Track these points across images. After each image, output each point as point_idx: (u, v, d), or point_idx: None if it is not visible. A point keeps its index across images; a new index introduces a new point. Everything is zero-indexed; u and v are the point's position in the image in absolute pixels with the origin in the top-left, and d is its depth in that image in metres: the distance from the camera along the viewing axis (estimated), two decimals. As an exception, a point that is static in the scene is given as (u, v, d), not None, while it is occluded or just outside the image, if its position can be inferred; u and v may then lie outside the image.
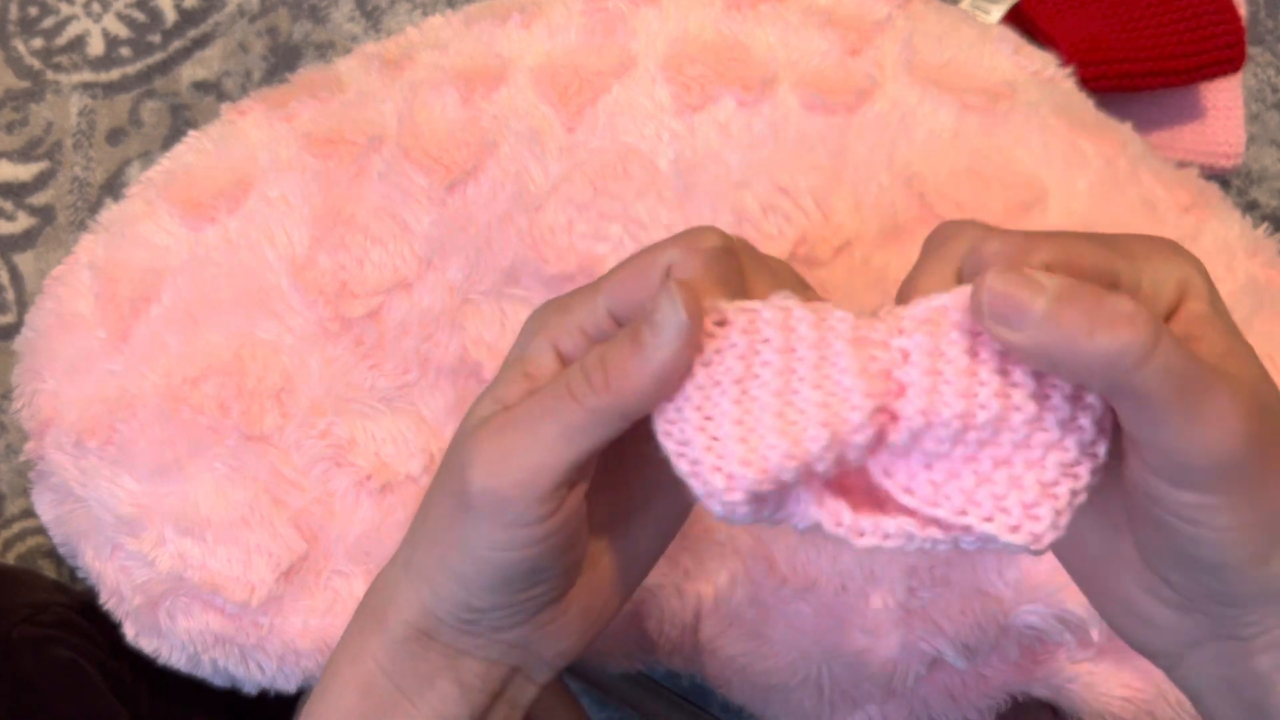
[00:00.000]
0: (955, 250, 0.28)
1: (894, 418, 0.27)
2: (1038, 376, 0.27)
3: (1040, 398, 0.27)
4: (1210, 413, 0.24)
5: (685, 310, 0.27)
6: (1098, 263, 0.26)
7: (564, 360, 0.30)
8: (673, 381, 0.28)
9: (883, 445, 0.27)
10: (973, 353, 0.27)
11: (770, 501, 0.28)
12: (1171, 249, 0.27)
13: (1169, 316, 0.27)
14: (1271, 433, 0.25)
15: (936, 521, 0.27)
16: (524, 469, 0.28)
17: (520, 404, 0.29)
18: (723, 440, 0.27)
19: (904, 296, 0.28)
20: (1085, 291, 0.24)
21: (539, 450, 0.28)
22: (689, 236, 0.29)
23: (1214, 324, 0.26)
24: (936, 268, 0.28)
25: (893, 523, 0.28)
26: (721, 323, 0.28)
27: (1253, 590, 0.27)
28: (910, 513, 0.28)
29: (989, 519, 0.27)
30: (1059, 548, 0.30)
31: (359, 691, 0.33)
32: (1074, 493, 0.27)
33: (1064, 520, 0.27)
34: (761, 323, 0.28)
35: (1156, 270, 0.27)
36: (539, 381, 0.30)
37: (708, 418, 0.28)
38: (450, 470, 0.30)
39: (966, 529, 0.27)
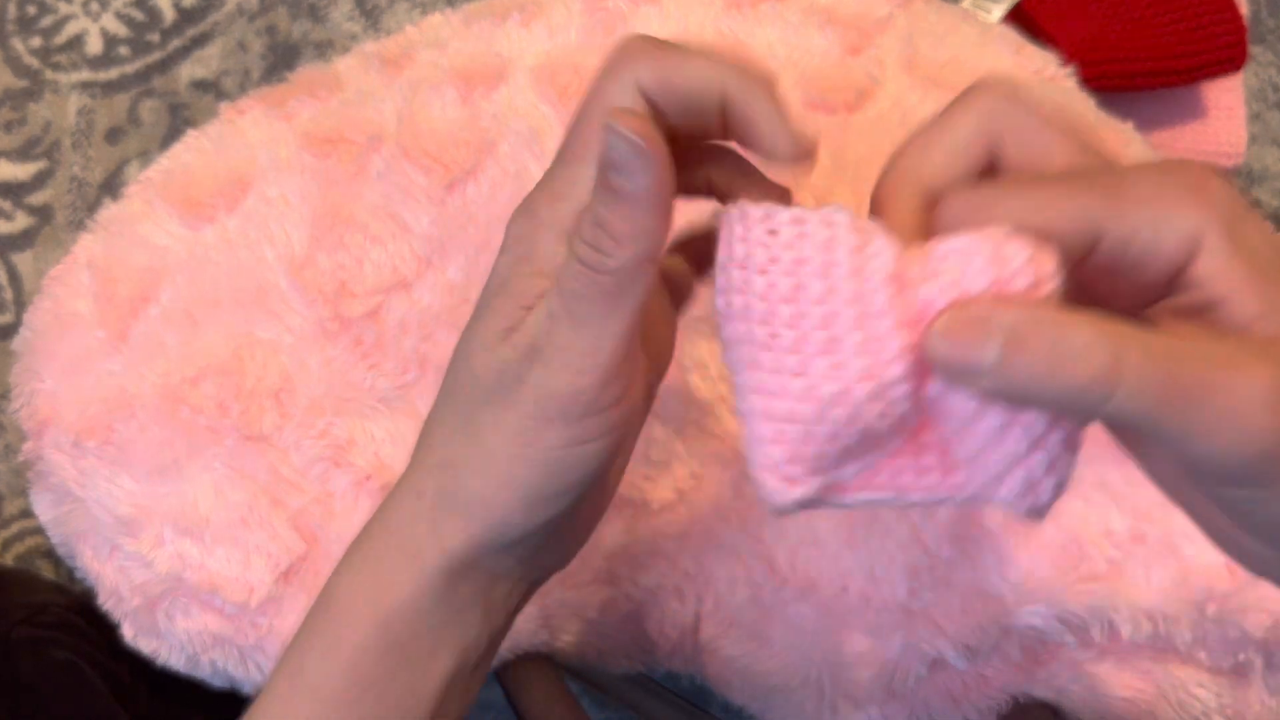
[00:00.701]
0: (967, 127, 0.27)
1: (929, 368, 0.26)
2: None
3: None
4: (1213, 417, 0.22)
5: (636, 136, 0.26)
6: (1078, 217, 0.24)
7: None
8: (669, 201, 0.28)
9: (921, 396, 0.27)
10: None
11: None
12: (1184, 191, 0.24)
13: (1180, 274, 0.24)
14: None
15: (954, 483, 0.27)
16: (584, 357, 0.28)
17: (550, 309, 0.29)
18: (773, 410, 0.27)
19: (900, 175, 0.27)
20: (1038, 330, 0.23)
21: (589, 334, 0.28)
22: (615, 63, 0.29)
23: (1239, 276, 0.24)
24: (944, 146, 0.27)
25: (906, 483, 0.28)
26: (773, 231, 0.27)
27: None
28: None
29: (996, 487, 0.27)
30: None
31: (378, 629, 0.32)
32: (1050, 462, 0.26)
33: (1045, 493, 0.27)
34: (807, 242, 0.27)
35: (1159, 220, 0.24)
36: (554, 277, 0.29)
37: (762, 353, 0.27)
38: (502, 387, 0.29)
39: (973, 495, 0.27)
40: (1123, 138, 0.49)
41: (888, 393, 0.26)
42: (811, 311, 0.27)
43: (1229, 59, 0.64)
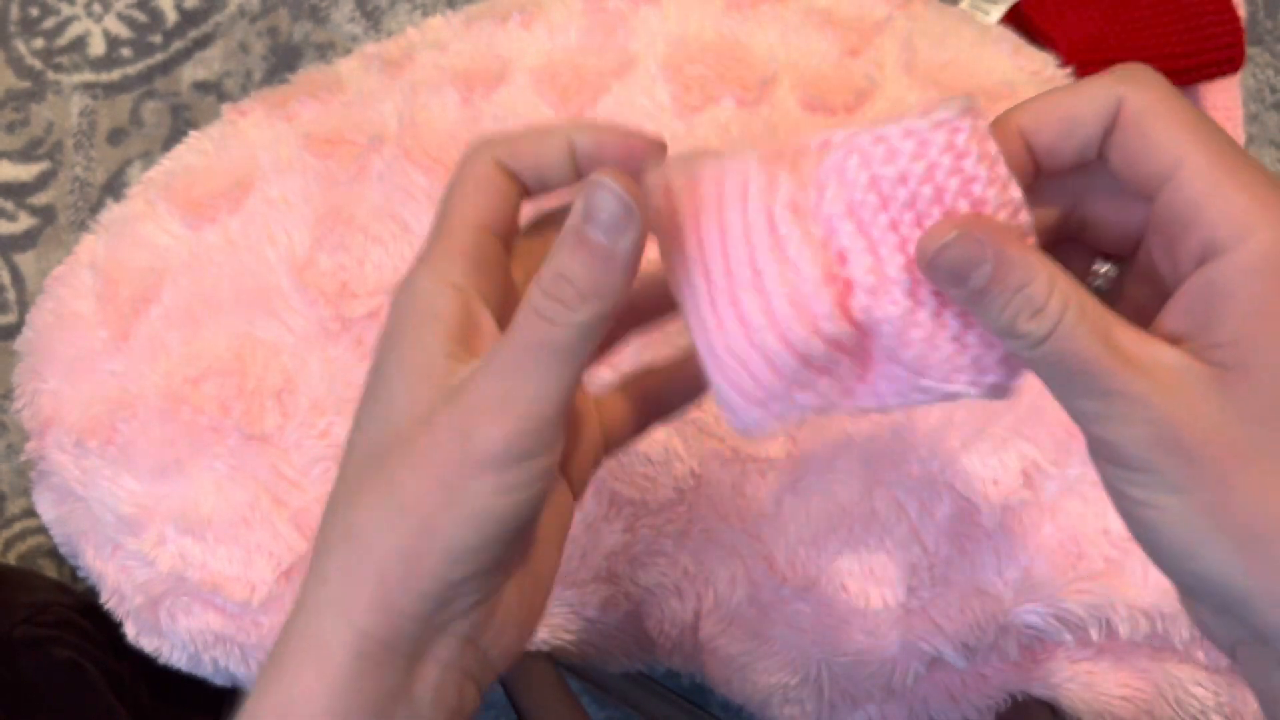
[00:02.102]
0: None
1: (848, 285, 0.28)
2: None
3: None
4: (1102, 396, 0.26)
5: (629, 197, 0.27)
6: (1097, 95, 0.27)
7: (463, 285, 0.30)
8: (636, 267, 0.28)
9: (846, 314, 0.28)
10: (893, 223, 0.28)
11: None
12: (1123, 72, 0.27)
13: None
14: (1210, 419, 0.25)
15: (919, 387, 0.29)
16: (530, 405, 0.28)
17: (497, 350, 0.28)
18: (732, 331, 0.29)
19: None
20: (1015, 269, 0.26)
21: (537, 383, 0.28)
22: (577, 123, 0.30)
23: (1157, 118, 0.26)
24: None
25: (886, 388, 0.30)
26: (694, 183, 0.29)
27: (1194, 584, 0.27)
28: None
29: (953, 380, 0.29)
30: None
31: None
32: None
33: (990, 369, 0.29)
34: (724, 187, 0.29)
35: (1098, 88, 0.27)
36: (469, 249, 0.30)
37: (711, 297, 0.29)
38: (425, 436, 0.28)
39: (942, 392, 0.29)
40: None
41: (814, 315, 0.28)
42: (736, 251, 0.28)
43: (1226, 60, 0.64)
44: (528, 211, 0.32)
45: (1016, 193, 0.28)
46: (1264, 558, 0.25)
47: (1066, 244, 0.30)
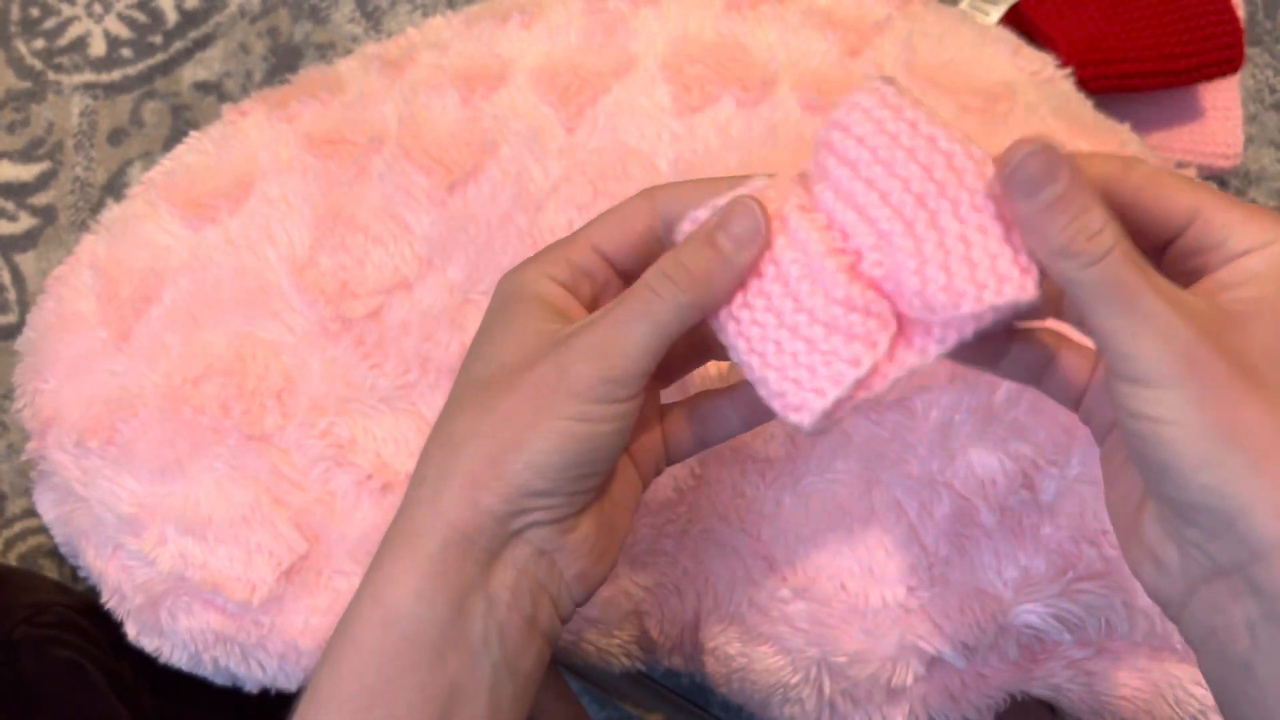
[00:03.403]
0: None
1: (857, 254, 0.33)
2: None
3: None
4: (1140, 315, 0.29)
5: (764, 222, 0.33)
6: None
7: (566, 285, 0.35)
8: (742, 283, 0.33)
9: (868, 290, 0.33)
10: (868, 181, 0.32)
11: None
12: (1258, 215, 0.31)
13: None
14: (1230, 348, 0.29)
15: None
16: (623, 354, 0.33)
17: (606, 311, 0.33)
18: (788, 369, 0.33)
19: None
20: (1078, 202, 0.30)
21: (630, 341, 0.33)
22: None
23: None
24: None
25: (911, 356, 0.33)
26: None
27: (1200, 499, 0.29)
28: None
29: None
30: (1111, 505, 0.34)
31: (383, 629, 0.33)
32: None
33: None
34: (785, 238, 0.33)
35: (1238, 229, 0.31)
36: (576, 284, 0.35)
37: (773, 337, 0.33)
38: (531, 359, 0.34)
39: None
40: (1120, 139, 0.50)
41: (825, 284, 0.32)
42: (767, 268, 0.33)
43: (1226, 60, 0.64)
44: None
45: (956, 132, 0.32)
46: (1266, 471, 0.28)
47: None
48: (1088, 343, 0.33)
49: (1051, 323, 0.36)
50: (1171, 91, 0.65)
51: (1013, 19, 0.65)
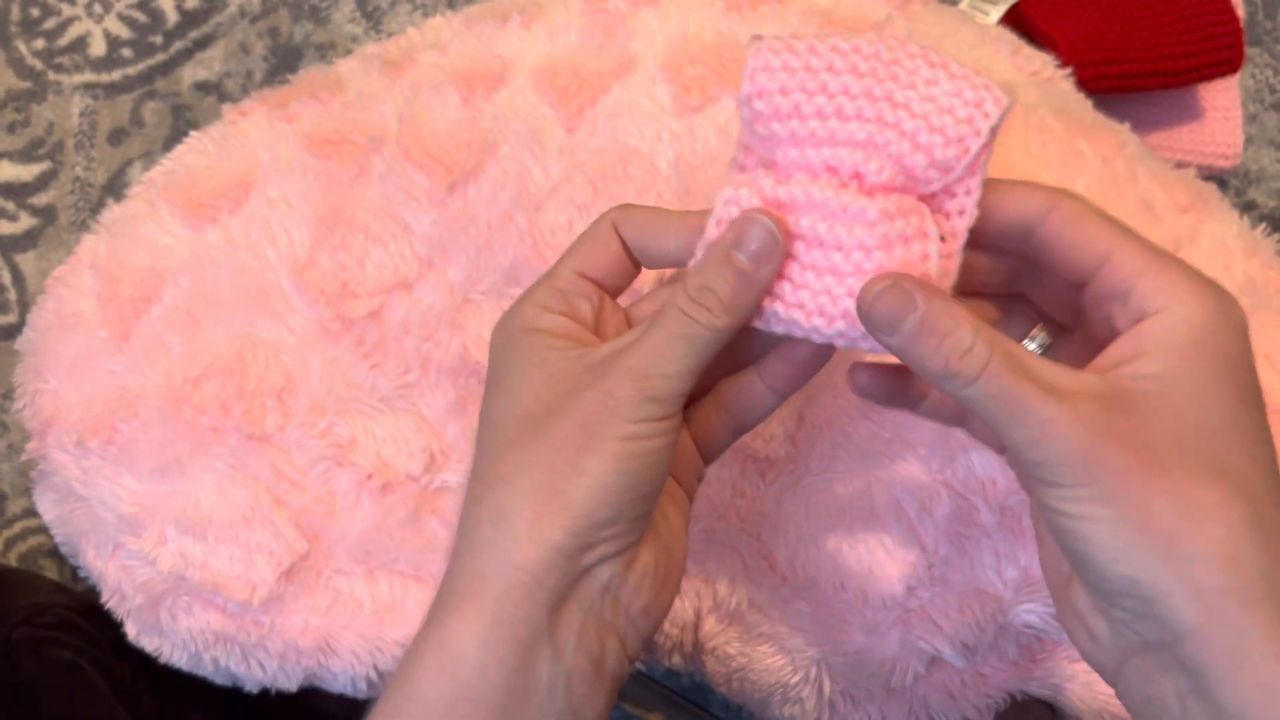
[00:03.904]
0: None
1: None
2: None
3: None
4: (1033, 423, 0.29)
5: (779, 233, 0.33)
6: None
7: (564, 313, 0.35)
8: (768, 292, 0.34)
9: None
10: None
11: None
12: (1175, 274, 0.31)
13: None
14: (1130, 437, 0.29)
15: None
16: (663, 375, 0.33)
17: (646, 334, 0.34)
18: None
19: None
20: (941, 319, 0.30)
21: (673, 364, 0.33)
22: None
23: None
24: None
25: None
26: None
27: (1120, 587, 0.29)
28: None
29: None
30: (1044, 568, 0.34)
31: (444, 675, 0.32)
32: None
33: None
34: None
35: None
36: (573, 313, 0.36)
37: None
38: (579, 387, 0.33)
39: None
40: (1120, 139, 0.50)
41: (870, 215, 0.33)
42: (795, 245, 0.34)
43: (1226, 60, 0.64)
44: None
45: (841, 34, 0.33)
46: (1179, 557, 0.29)
47: (1012, 307, 0.36)
48: None
49: None
50: (1171, 91, 0.65)
51: (1013, 19, 0.65)
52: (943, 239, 0.33)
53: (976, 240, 0.34)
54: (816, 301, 0.33)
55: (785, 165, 0.34)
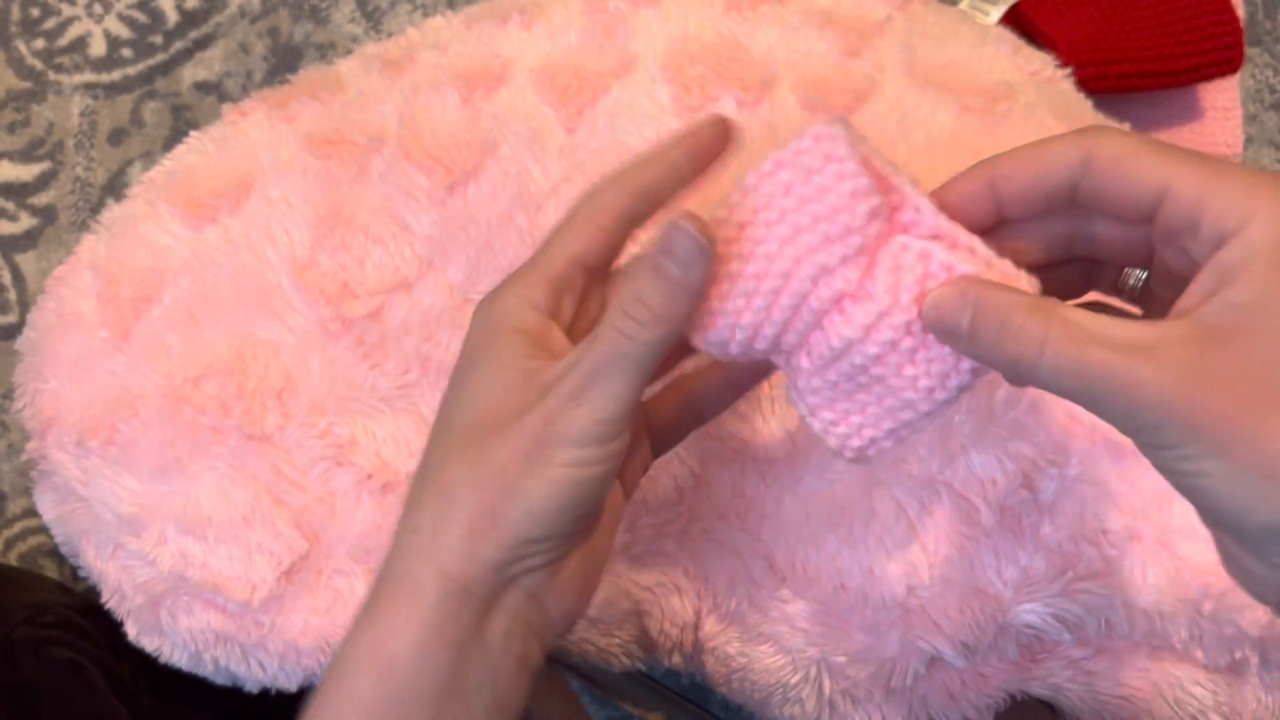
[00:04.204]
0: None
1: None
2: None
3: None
4: (1119, 390, 0.27)
5: (704, 237, 0.32)
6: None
7: (547, 308, 0.35)
8: (702, 295, 0.33)
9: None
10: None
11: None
12: (1248, 187, 0.28)
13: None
14: (1230, 378, 0.27)
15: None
16: (606, 401, 0.33)
17: (583, 356, 0.34)
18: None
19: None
20: (992, 310, 0.30)
21: (613, 384, 0.33)
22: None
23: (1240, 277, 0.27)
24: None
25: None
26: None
27: (1261, 535, 0.27)
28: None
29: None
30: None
31: (380, 679, 0.33)
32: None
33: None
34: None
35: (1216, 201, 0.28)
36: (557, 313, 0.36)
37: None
38: (516, 415, 0.34)
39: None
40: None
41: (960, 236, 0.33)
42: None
43: (1226, 60, 0.64)
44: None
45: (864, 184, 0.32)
46: None
47: (1088, 262, 0.34)
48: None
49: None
50: (1171, 91, 0.65)
51: (1013, 19, 0.65)
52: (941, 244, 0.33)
53: (1027, 213, 0.32)
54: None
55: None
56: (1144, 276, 0.33)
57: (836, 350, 0.33)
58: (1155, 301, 0.33)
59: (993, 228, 0.33)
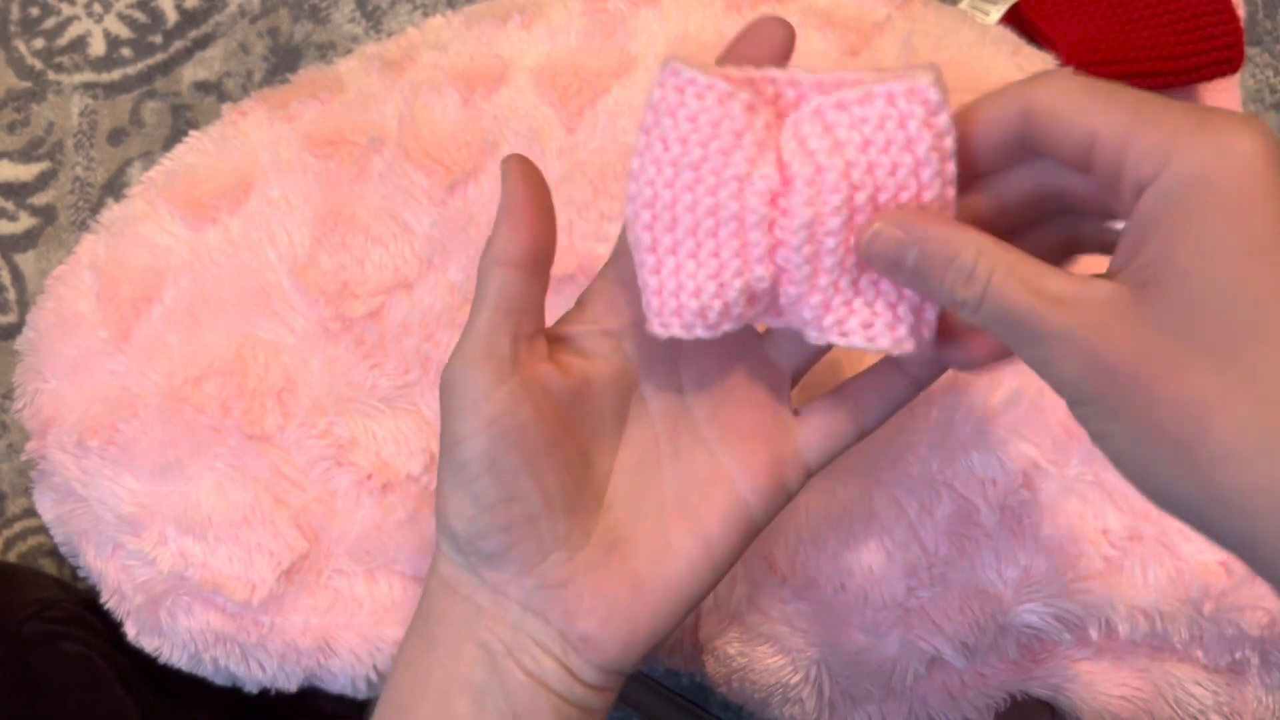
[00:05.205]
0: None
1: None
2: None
3: None
4: (1040, 341, 0.27)
5: (518, 167, 0.33)
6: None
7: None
8: (538, 220, 0.33)
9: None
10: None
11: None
12: (1196, 125, 0.26)
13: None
14: (1138, 340, 0.26)
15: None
16: (468, 346, 0.33)
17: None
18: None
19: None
20: (940, 246, 0.29)
21: (474, 328, 0.33)
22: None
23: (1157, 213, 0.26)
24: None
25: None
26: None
27: (1160, 503, 0.27)
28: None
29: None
30: None
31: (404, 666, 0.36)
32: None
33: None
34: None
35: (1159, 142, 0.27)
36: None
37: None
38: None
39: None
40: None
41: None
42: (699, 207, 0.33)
43: (1226, 61, 0.64)
44: None
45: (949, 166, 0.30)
46: (1195, 466, 0.25)
47: (1066, 215, 0.32)
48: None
49: None
50: (1171, 91, 0.65)
51: (1013, 19, 0.65)
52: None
53: (992, 167, 0.31)
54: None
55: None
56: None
57: (802, 243, 0.31)
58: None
59: (966, 184, 0.32)
